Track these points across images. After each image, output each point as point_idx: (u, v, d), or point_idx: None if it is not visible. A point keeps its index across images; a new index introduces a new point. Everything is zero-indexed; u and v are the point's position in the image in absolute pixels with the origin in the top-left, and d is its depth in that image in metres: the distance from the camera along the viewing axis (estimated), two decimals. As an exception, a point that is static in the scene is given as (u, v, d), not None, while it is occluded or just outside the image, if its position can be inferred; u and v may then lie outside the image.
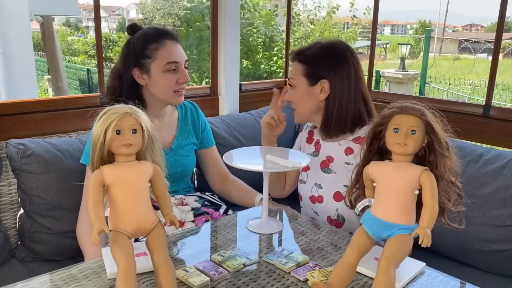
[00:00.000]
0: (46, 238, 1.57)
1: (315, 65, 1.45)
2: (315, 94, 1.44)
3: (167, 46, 1.51)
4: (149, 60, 1.50)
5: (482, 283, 1.02)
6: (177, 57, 1.51)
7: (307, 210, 1.55)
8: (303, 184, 1.54)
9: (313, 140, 1.56)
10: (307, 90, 1.45)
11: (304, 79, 1.45)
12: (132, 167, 0.87)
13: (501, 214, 1.56)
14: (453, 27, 46.69)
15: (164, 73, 1.50)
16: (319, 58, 1.45)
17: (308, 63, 1.45)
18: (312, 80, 1.44)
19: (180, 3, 16.14)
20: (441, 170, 0.90)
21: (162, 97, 1.53)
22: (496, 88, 8.59)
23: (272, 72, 9.50)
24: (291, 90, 1.48)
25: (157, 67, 1.49)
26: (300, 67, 1.46)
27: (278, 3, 10.83)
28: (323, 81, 1.43)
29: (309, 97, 1.45)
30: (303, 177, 1.55)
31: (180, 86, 1.53)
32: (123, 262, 0.81)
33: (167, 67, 1.50)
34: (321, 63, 1.44)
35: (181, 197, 1.55)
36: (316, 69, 1.44)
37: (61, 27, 24.42)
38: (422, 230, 0.83)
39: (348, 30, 12.81)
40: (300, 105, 1.48)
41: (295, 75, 1.47)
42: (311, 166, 1.51)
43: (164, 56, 1.49)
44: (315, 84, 1.44)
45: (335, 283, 0.88)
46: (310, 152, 1.54)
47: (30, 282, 0.95)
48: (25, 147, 1.52)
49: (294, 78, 1.47)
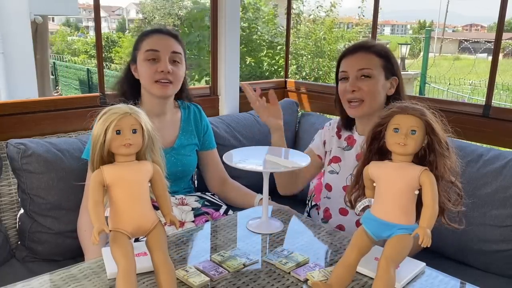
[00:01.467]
0: (46, 238, 1.57)
1: (391, 60, 1.49)
2: (386, 88, 1.48)
3: (153, 37, 1.55)
4: (137, 52, 1.55)
5: (482, 283, 1.02)
6: (158, 46, 1.52)
7: (337, 199, 1.55)
8: (335, 174, 1.58)
9: (341, 136, 1.61)
10: (383, 84, 1.48)
11: (383, 72, 1.47)
12: (132, 167, 0.87)
13: (501, 214, 1.56)
14: (453, 27, 46.74)
15: (144, 61, 1.52)
16: (391, 54, 1.51)
17: (385, 57, 1.48)
18: (388, 74, 1.48)
19: (180, 3, 16.14)
20: (441, 170, 0.90)
21: (146, 88, 1.55)
22: (496, 88, 8.58)
23: (275, 71, 9.49)
24: (365, 81, 1.46)
25: (140, 56, 1.53)
26: (377, 60, 1.48)
27: (278, 3, 10.81)
28: (394, 78, 1.49)
29: (383, 91, 1.48)
30: (334, 168, 1.59)
31: (160, 75, 1.51)
32: (123, 262, 0.81)
33: (146, 55, 1.51)
34: (394, 60, 1.50)
35: (182, 197, 1.55)
36: (391, 65, 1.49)
37: (61, 27, 24.41)
38: (422, 230, 0.83)
39: (348, 30, 12.80)
40: (373, 98, 1.47)
41: (373, 66, 1.47)
42: (344, 158, 1.57)
43: (145, 45, 1.53)
44: (388, 79, 1.48)
45: (335, 283, 0.88)
46: (342, 147, 1.59)
47: (30, 282, 0.95)
48: (25, 147, 1.52)
49: (372, 68, 1.46)
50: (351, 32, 11.75)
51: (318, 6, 10.48)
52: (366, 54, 1.49)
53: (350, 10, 11.18)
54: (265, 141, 2.11)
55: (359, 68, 1.47)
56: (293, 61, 9.42)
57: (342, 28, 12.00)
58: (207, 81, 7.52)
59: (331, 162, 1.60)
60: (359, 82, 1.47)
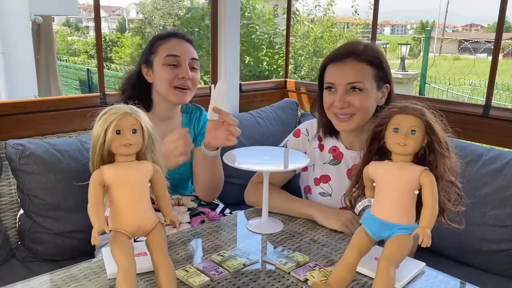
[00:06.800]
0: (46, 238, 1.57)
1: (383, 68, 1.35)
2: (378, 99, 1.35)
3: (171, 41, 1.53)
4: (153, 56, 1.52)
5: (482, 283, 1.02)
6: (178, 51, 1.50)
7: None
8: (328, 197, 1.40)
9: (324, 147, 1.45)
10: (375, 95, 1.34)
11: (375, 84, 1.33)
12: (132, 167, 0.87)
13: (501, 214, 1.56)
14: (453, 27, 46.75)
15: (164, 66, 1.49)
16: (384, 59, 1.36)
17: (377, 65, 1.34)
18: (380, 84, 1.34)
19: (180, 3, 16.14)
20: (441, 170, 0.90)
21: (163, 93, 1.51)
22: (496, 88, 8.59)
23: (274, 71, 9.50)
24: (356, 96, 1.30)
25: (158, 60, 1.50)
26: (370, 70, 1.32)
27: (278, 3, 10.82)
28: (386, 86, 1.35)
29: (375, 103, 1.34)
30: (325, 189, 1.41)
31: (180, 81, 1.49)
32: (123, 262, 0.81)
33: (166, 60, 1.49)
34: (385, 66, 1.35)
35: (178, 197, 1.53)
36: (383, 72, 1.35)
37: (61, 27, 24.40)
38: (422, 230, 0.83)
39: (347, 29, 12.81)
40: (364, 112, 1.32)
41: (365, 78, 1.31)
42: (334, 177, 1.41)
43: (165, 50, 1.50)
44: (380, 89, 1.35)
45: (335, 283, 0.88)
46: (327, 161, 1.43)
47: (30, 282, 0.95)
48: (23, 148, 1.52)
49: (364, 82, 1.30)
50: (350, 31, 11.76)
51: (316, 6, 10.50)
52: (356, 63, 1.31)
53: (348, 10, 11.19)
54: (265, 141, 2.11)
55: (348, 82, 1.30)
56: (291, 60, 9.45)
57: (340, 28, 12.00)
58: (206, 82, 7.50)
59: (320, 182, 1.43)
60: (348, 96, 1.30)
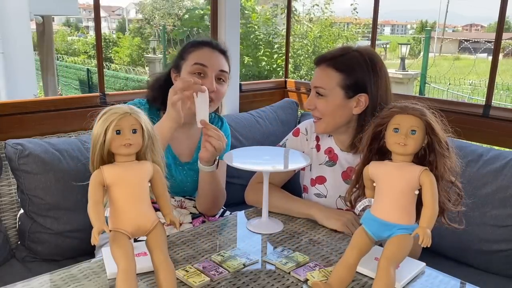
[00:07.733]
0: (46, 238, 1.57)
1: (355, 77, 1.29)
2: (349, 107, 1.31)
3: (203, 50, 1.47)
4: (182, 62, 1.48)
5: (482, 283, 1.02)
6: (207, 61, 1.44)
7: None
8: (323, 198, 1.41)
9: (320, 147, 1.45)
10: (341, 103, 1.31)
11: (340, 91, 1.30)
12: (132, 167, 0.87)
13: (501, 214, 1.56)
14: (453, 27, 46.72)
15: (190, 74, 1.44)
16: (360, 68, 1.30)
17: (346, 73, 1.30)
18: (350, 93, 1.30)
19: (180, 3, 16.15)
20: (441, 170, 0.90)
21: None
22: (496, 88, 8.59)
23: (273, 70, 9.50)
24: (320, 100, 1.32)
25: (186, 67, 1.46)
26: (336, 76, 1.30)
27: (278, 3, 10.81)
28: (362, 95, 1.30)
29: (341, 110, 1.32)
30: (321, 191, 1.42)
31: None
32: (123, 262, 0.81)
33: (193, 68, 1.44)
34: (362, 75, 1.29)
35: (181, 199, 1.52)
36: (356, 81, 1.29)
37: (61, 27, 24.42)
38: (422, 230, 0.83)
39: (347, 29, 12.80)
40: (330, 118, 1.33)
41: (328, 85, 1.31)
42: (330, 178, 1.41)
43: (194, 58, 1.45)
44: (352, 97, 1.30)
45: (335, 283, 0.88)
46: (323, 162, 1.43)
47: (30, 282, 0.95)
48: (22, 147, 1.51)
49: (326, 88, 1.31)
50: (349, 30, 11.76)
51: (314, 5, 10.51)
52: (324, 68, 1.32)
53: (348, 10, 11.19)
54: (265, 141, 2.11)
55: (314, 86, 1.33)
56: (291, 60, 9.45)
57: (339, 28, 12.01)
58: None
59: (315, 183, 1.43)
60: (314, 99, 1.34)
